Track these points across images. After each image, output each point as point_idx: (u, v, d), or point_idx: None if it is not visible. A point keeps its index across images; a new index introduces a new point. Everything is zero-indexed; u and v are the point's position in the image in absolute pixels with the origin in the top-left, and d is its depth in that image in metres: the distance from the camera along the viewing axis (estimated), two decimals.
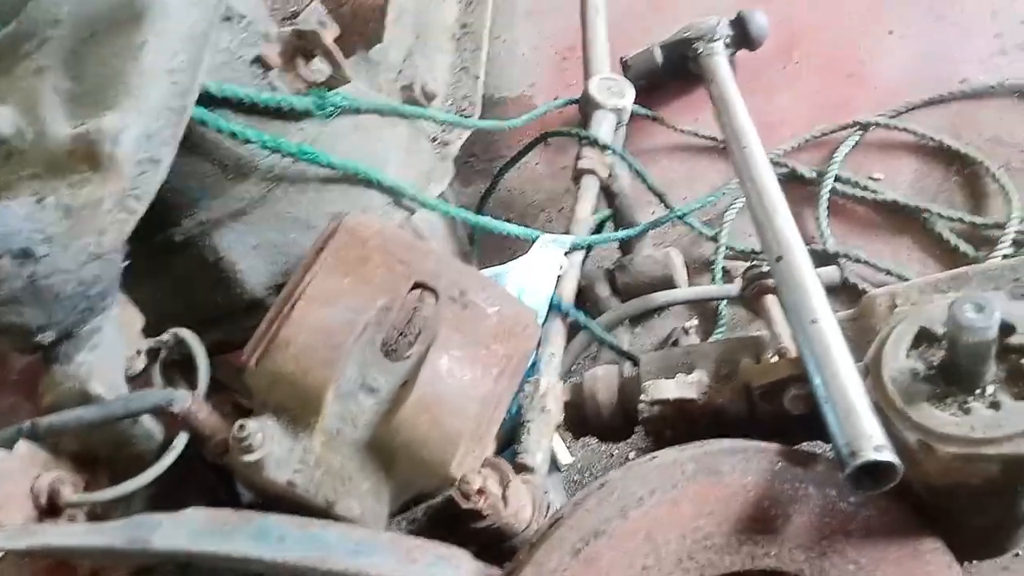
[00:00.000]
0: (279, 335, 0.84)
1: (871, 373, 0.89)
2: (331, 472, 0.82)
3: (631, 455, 1.34)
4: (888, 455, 0.79)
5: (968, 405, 0.82)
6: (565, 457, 1.35)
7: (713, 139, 1.65)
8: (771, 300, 1.14)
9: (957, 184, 1.44)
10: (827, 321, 0.95)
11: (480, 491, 0.90)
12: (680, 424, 1.06)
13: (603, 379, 1.17)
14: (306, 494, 0.81)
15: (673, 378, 1.07)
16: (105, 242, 0.85)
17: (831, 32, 1.73)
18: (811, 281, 1.01)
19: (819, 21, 1.76)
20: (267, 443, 0.80)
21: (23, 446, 0.81)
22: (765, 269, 1.15)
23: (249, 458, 0.79)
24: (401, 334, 0.87)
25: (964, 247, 1.35)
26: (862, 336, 0.96)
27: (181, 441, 0.83)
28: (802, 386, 0.96)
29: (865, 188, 1.48)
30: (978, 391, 0.83)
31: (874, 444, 0.80)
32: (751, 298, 1.16)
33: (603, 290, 1.43)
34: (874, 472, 0.80)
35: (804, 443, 0.99)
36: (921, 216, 1.41)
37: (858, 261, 1.38)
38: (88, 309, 0.85)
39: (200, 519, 0.75)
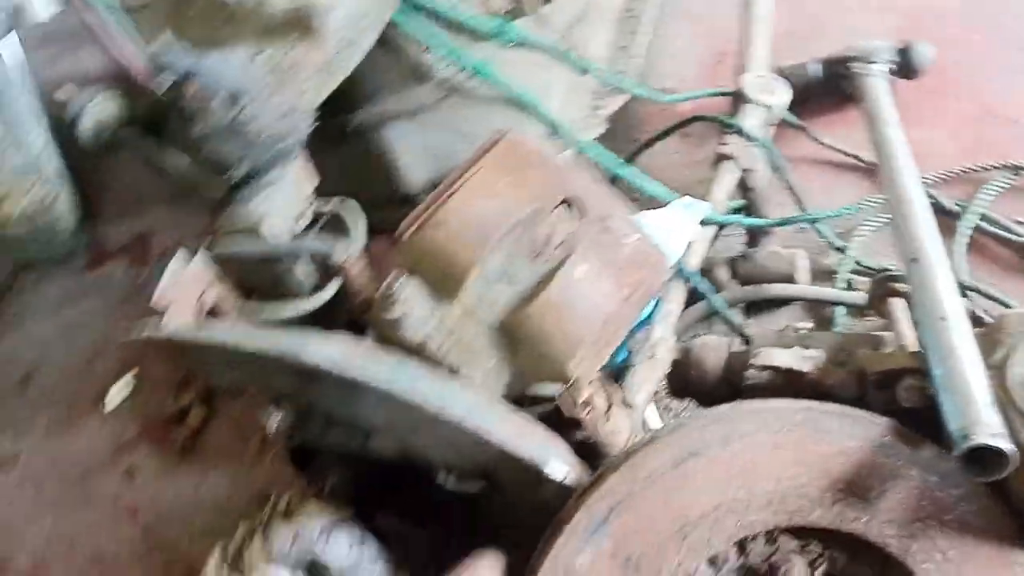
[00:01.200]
0: (437, 214, 0.90)
1: (996, 373, 0.89)
2: (461, 343, 0.88)
3: None
4: (1004, 442, 0.79)
5: None
6: (656, 423, 1.38)
7: (855, 157, 1.64)
8: (898, 304, 1.14)
9: None
10: (957, 318, 0.95)
11: (586, 403, 0.95)
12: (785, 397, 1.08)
13: (713, 346, 1.19)
14: (435, 355, 0.87)
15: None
16: (302, 102, 0.94)
17: (995, 73, 1.71)
18: (945, 282, 1.01)
19: (982, 61, 1.73)
20: (409, 303, 0.87)
21: (197, 261, 0.90)
22: (897, 273, 1.15)
23: (391, 315, 0.86)
24: (545, 240, 0.92)
25: None
26: (990, 347, 0.96)
27: (334, 285, 0.90)
28: (919, 379, 0.97)
29: (1008, 230, 1.45)
30: None
31: (991, 431, 0.80)
32: (877, 299, 1.17)
33: (723, 275, 1.45)
34: (983, 460, 0.81)
35: None
36: None
37: (990, 298, 1.35)
38: (275, 158, 0.94)
39: (350, 342, 0.81)
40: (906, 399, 0.98)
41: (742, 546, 0.84)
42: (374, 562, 0.96)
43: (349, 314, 0.94)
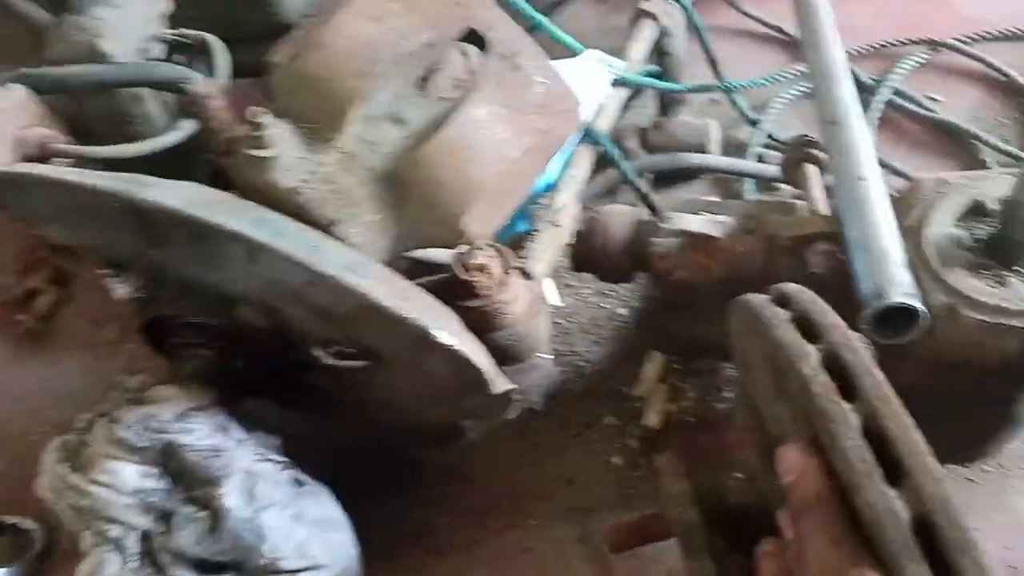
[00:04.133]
0: (316, 36, 0.77)
1: (912, 234, 0.85)
2: (340, 192, 0.77)
3: (620, 310, 1.30)
4: (916, 301, 0.76)
5: (1005, 278, 0.79)
6: (555, 299, 1.31)
7: (777, 29, 1.58)
8: (812, 171, 1.10)
9: (1015, 122, 1.40)
10: (875, 180, 0.91)
11: (481, 267, 0.86)
12: (692, 267, 1.02)
13: (620, 215, 1.12)
14: (308, 204, 0.75)
15: None
16: None
17: None
18: (864, 145, 0.96)
19: None
20: (280, 144, 0.75)
21: (18, 91, 0.74)
22: (813, 139, 1.10)
23: (260, 153, 0.74)
24: (441, 76, 0.81)
25: None
26: (904, 211, 0.92)
27: (188, 127, 0.76)
28: (831, 244, 0.93)
29: (921, 106, 1.43)
30: (1017, 268, 0.80)
31: (904, 290, 0.76)
32: (792, 165, 1.12)
33: (632, 145, 1.38)
34: (894, 323, 0.77)
35: None
36: (971, 145, 1.36)
37: (897, 174, 1.33)
38: None
39: (198, 191, 0.69)
40: (817, 264, 0.94)
41: None
42: (242, 447, 0.87)
43: (210, 164, 0.81)
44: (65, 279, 1.59)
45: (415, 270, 0.94)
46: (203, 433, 0.83)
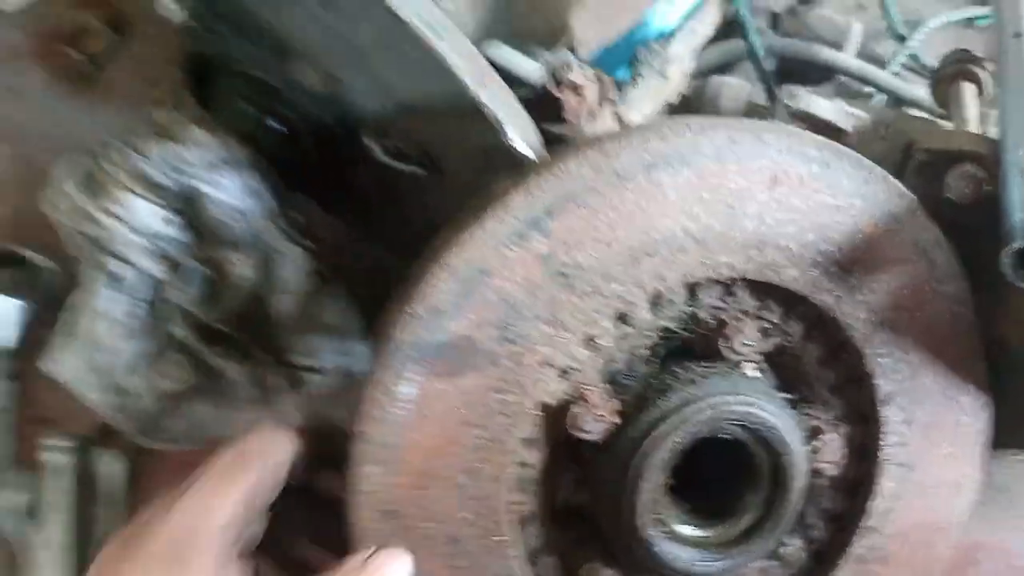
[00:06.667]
0: None
1: None
2: None
3: None
4: None
5: None
6: None
7: None
8: (968, 90, 0.95)
9: None
10: None
11: (575, 87, 0.74)
12: None
13: (732, 87, 0.98)
14: None
15: None
16: None
17: None
18: None
19: None
20: None
21: None
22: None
23: None
24: None
25: None
26: None
27: None
28: (980, 169, 0.79)
29: None
30: None
31: None
32: (945, 79, 0.96)
33: (760, 26, 1.22)
34: None
35: None
36: None
37: None
38: None
39: None
40: (957, 189, 0.80)
41: (693, 291, 0.68)
42: (272, 219, 0.78)
43: None
44: (122, 25, 1.49)
45: None
46: (232, 191, 0.74)
